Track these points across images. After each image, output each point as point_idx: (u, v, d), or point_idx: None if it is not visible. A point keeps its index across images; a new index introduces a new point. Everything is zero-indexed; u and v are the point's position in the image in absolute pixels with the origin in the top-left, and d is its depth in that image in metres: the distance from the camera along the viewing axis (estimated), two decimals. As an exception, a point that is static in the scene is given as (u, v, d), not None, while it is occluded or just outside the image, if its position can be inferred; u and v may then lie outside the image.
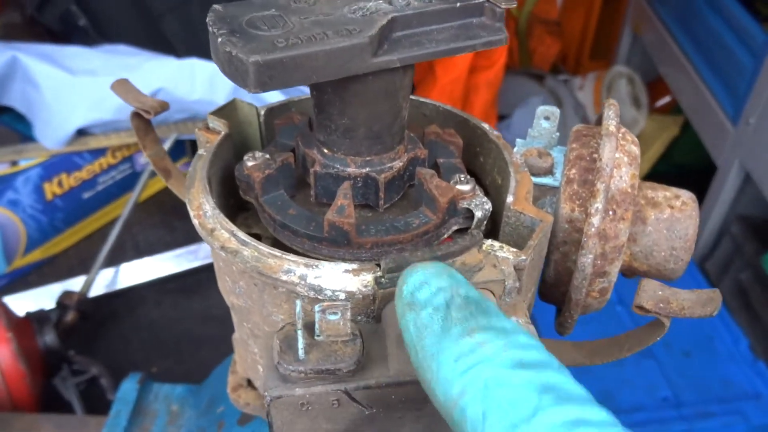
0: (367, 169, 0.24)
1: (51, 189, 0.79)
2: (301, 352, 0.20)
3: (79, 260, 0.85)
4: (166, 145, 0.82)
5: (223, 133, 0.28)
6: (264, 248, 0.22)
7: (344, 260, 0.22)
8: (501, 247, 0.22)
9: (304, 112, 0.29)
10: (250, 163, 0.26)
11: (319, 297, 0.21)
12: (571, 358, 0.21)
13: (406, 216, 0.24)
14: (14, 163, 0.77)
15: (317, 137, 0.25)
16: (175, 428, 0.48)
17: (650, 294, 0.25)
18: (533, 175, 0.26)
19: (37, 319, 0.64)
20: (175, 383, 0.51)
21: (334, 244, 0.22)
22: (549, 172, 0.26)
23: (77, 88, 0.75)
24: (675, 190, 0.26)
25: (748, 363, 1.39)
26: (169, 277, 0.80)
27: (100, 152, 0.83)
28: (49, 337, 0.63)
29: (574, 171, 0.25)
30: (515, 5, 0.23)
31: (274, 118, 0.29)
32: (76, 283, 0.74)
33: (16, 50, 0.75)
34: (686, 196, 0.26)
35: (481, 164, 0.27)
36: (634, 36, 2.20)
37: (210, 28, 0.22)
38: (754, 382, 1.32)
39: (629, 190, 0.24)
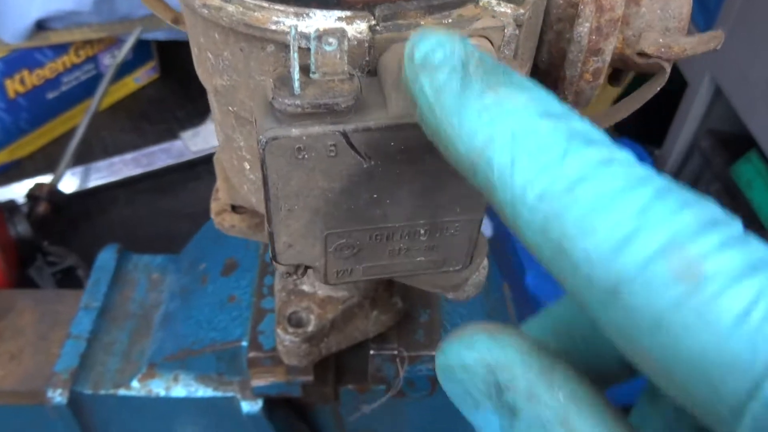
0: None
1: (13, 86, 0.76)
2: (296, 85, 0.19)
3: (47, 163, 0.82)
4: (129, 42, 0.79)
5: None
6: (250, 1, 0.21)
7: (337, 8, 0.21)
8: (498, 3, 0.21)
9: None
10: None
11: (305, 45, 0.20)
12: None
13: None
14: (-28, 58, 0.74)
15: None
16: (157, 293, 0.48)
17: (651, 41, 0.24)
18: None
19: (8, 209, 0.62)
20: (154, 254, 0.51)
21: (323, 4, 0.21)
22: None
23: (35, -24, 0.71)
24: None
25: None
26: (141, 176, 0.79)
27: (62, 49, 0.79)
28: (22, 227, 0.61)
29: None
30: None
31: None
32: (45, 181, 0.72)
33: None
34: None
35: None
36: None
37: None
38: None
39: (625, -45, 0.23)
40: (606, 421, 0.16)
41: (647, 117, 2.01)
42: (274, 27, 0.21)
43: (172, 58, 0.95)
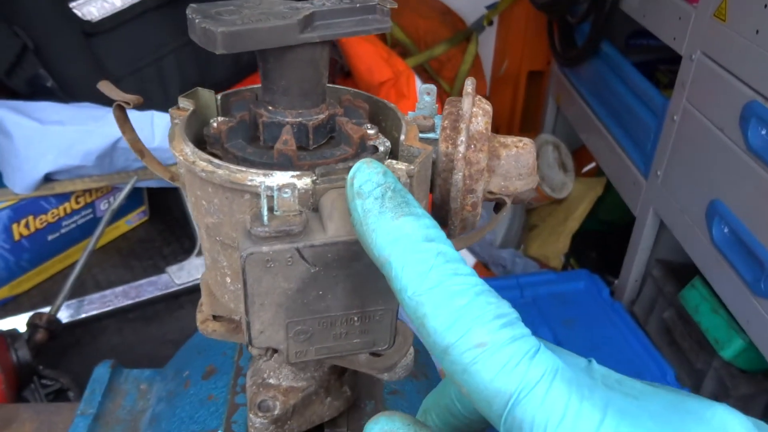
0: (300, 118, 0.34)
1: (19, 230, 0.86)
2: (264, 219, 0.29)
3: (42, 298, 0.90)
4: (125, 190, 0.90)
5: (191, 109, 0.37)
6: (233, 167, 0.32)
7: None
8: (397, 162, 0.32)
9: (250, 93, 0.39)
10: (215, 124, 0.35)
11: (269, 194, 0.30)
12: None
13: (332, 150, 0.34)
14: (-15, 206, 0.84)
15: (263, 99, 0.35)
16: (144, 401, 0.55)
17: (494, 183, 0.35)
18: (420, 132, 0.36)
19: (11, 336, 0.70)
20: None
21: (282, 168, 0.32)
22: (431, 129, 0.36)
23: (47, 137, 0.83)
24: (518, 137, 0.36)
25: (675, 392, 1.49)
26: (130, 307, 0.87)
27: (64, 197, 0.90)
28: (22, 352, 0.68)
29: (446, 122, 0.35)
30: (396, 6, 0.34)
31: (226, 101, 0.39)
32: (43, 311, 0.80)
33: (-10, 104, 0.84)
34: (526, 140, 0.36)
35: (383, 127, 0.38)
36: (557, 108, 2.40)
37: (189, 15, 0.32)
38: (680, 409, 1.41)
39: (484, 131, 0.35)
40: None
41: (605, 250, 2.14)
42: (249, 183, 0.31)
43: (161, 203, 1.07)
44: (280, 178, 0.31)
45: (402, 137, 0.34)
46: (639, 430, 0.21)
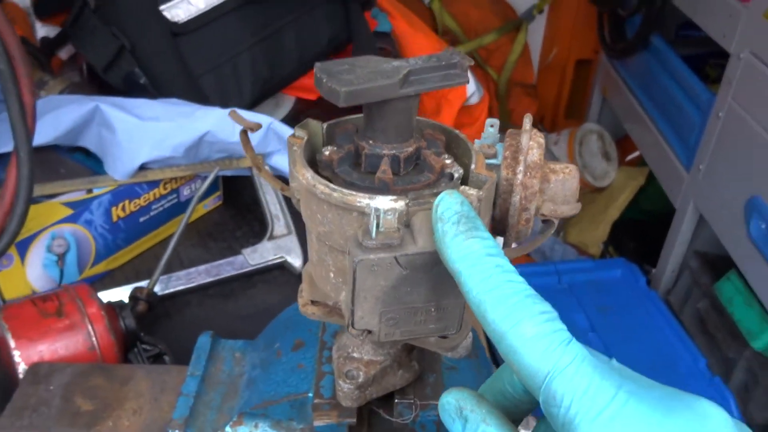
0: (393, 151, 0.43)
1: (117, 213, 0.98)
2: (373, 234, 0.38)
3: (134, 273, 1.02)
4: (209, 178, 1.01)
5: (305, 138, 0.47)
6: (346, 191, 0.41)
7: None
8: (470, 189, 0.41)
9: (352, 125, 0.48)
10: (327, 152, 0.45)
11: (377, 214, 0.39)
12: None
13: (418, 176, 0.44)
14: (89, 191, 0.96)
15: (365, 134, 0.44)
16: (240, 367, 0.66)
17: (546, 208, 0.44)
18: (486, 158, 0.45)
19: (119, 306, 0.81)
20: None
21: (381, 192, 0.41)
22: (494, 156, 0.45)
23: (145, 131, 0.94)
24: (564, 164, 0.45)
25: (707, 379, 1.56)
26: (210, 284, 0.98)
27: (155, 184, 1.01)
28: (128, 320, 0.80)
29: (507, 152, 0.44)
30: (473, 63, 0.43)
31: (330, 130, 0.48)
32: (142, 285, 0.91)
33: (97, 101, 0.95)
34: (572, 166, 0.45)
35: (455, 154, 0.47)
36: (603, 98, 2.43)
37: (317, 75, 0.41)
38: (712, 394, 1.49)
39: (538, 161, 0.43)
40: (504, 425, 0.35)
41: (644, 239, 2.19)
42: (357, 204, 0.40)
43: (233, 190, 1.18)
44: (382, 201, 0.40)
45: (473, 166, 0.43)
46: (641, 404, 0.29)
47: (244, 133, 0.51)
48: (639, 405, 0.29)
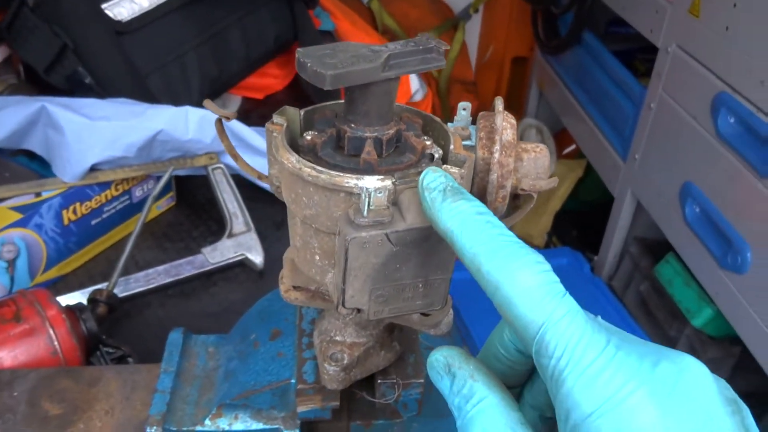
0: (376, 133, 0.44)
1: (67, 216, 0.95)
2: (365, 212, 0.39)
3: (88, 278, 1.00)
4: (165, 177, 0.99)
5: (285, 124, 0.47)
6: (333, 172, 0.42)
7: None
8: (451, 167, 0.42)
9: (330, 111, 0.49)
10: (309, 137, 0.46)
11: (368, 193, 0.40)
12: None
13: (400, 157, 0.45)
14: (38, 195, 0.93)
15: (347, 117, 0.45)
16: (214, 361, 0.65)
17: (525, 183, 0.46)
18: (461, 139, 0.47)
19: (79, 309, 0.79)
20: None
21: (366, 173, 0.42)
22: (468, 138, 0.47)
23: (94, 131, 0.92)
24: (535, 143, 0.47)
25: (650, 359, 1.62)
26: (170, 284, 0.97)
27: (106, 185, 0.99)
28: (90, 323, 0.78)
29: (482, 133, 0.46)
30: (449, 47, 0.44)
31: (308, 116, 0.49)
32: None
33: (43, 101, 0.92)
34: (543, 146, 0.47)
35: (432, 136, 0.48)
36: (540, 93, 2.50)
37: (300, 59, 0.41)
38: (655, 373, 1.54)
39: (512, 140, 0.45)
40: (491, 380, 0.36)
41: (585, 228, 2.27)
42: (345, 184, 0.41)
43: (185, 190, 1.16)
44: (369, 181, 0.41)
45: (451, 147, 0.45)
46: (630, 356, 0.30)
47: (219, 122, 0.51)
48: (627, 357, 0.30)
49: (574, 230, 2.18)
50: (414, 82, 1.85)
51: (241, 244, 0.99)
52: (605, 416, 0.29)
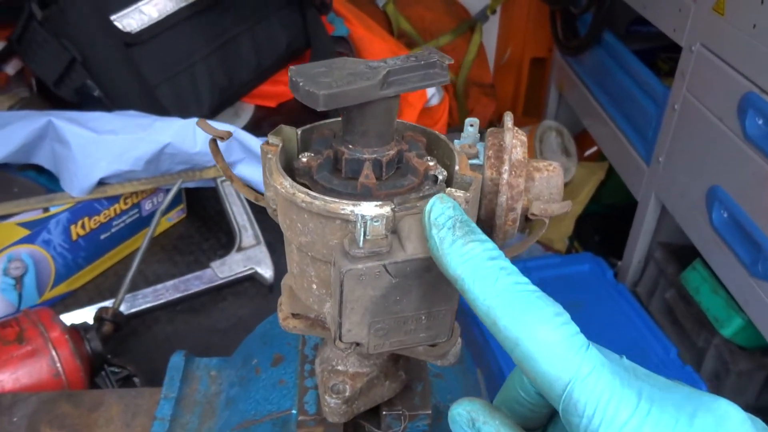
0: (375, 155, 0.42)
1: (76, 231, 0.94)
2: (360, 242, 0.36)
3: (97, 293, 0.98)
4: (172, 191, 0.97)
5: (280, 145, 0.45)
6: (328, 198, 0.39)
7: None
8: (456, 191, 0.39)
9: (329, 130, 0.46)
10: (304, 159, 0.43)
11: (364, 222, 0.37)
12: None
13: (401, 180, 0.42)
14: (46, 210, 0.92)
15: (344, 138, 0.42)
16: (216, 386, 0.63)
17: (536, 207, 0.43)
18: (467, 158, 0.44)
19: (84, 328, 0.78)
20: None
21: (364, 198, 0.40)
22: (476, 156, 0.44)
23: (101, 145, 0.91)
24: (548, 161, 0.44)
25: (678, 368, 1.57)
26: (178, 300, 0.95)
27: (115, 199, 0.98)
28: (94, 343, 0.76)
29: (490, 152, 0.43)
30: (452, 61, 0.41)
31: (306, 135, 0.46)
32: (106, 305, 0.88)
33: (49, 116, 0.91)
34: (555, 164, 0.44)
35: (436, 155, 0.45)
36: (560, 95, 2.46)
37: (293, 78, 0.39)
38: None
39: (522, 159, 0.42)
40: None
41: (608, 233, 2.22)
42: (341, 211, 0.39)
43: (195, 202, 1.15)
44: (366, 208, 0.38)
45: (456, 167, 0.42)
46: (665, 411, 0.28)
47: (213, 142, 0.48)
48: (662, 413, 0.28)
49: (596, 235, 2.13)
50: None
51: (250, 257, 0.97)
52: None
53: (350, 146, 0.42)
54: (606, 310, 1.74)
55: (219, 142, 0.48)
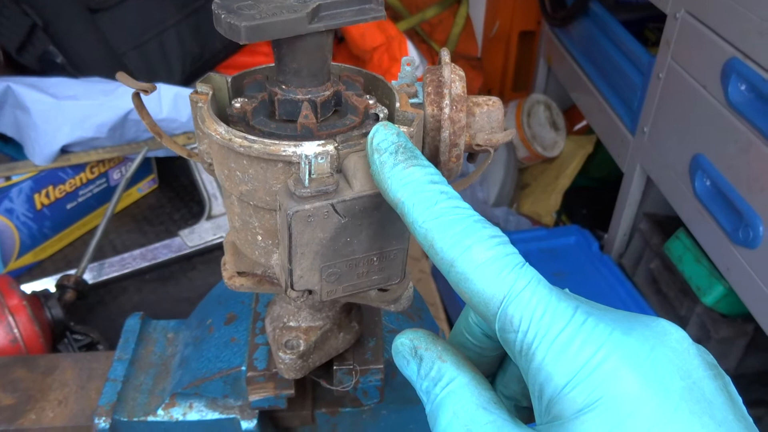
0: (309, 95, 0.40)
1: (40, 200, 0.92)
2: (306, 181, 0.35)
3: (65, 263, 0.97)
4: (138, 158, 0.96)
5: (210, 93, 0.43)
6: (267, 141, 0.37)
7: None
8: (399, 126, 0.38)
9: (261, 75, 0.44)
10: (237, 104, 0.41)
11: (308, 160, 0.36)
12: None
13: (342, 120, 0.40)
14: (8, 178, 0.90)
15: (277, 79, 0.40)
16: (173, 347, 0.62)
17: (480, 137, 0.41)
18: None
19: (44, 295, 0.76)
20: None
21: (305, 138, 0.38)
22: (415, 95, 0.42)
23: (62, 111, 0.88)
24: (487, 96, 0.43)
25: (661, 339, 1.57)
26: (147, 269, 0.93)
27: (80, 168, 0.96)
28: (55, 310, 0.75)
29: (430, 88, 0.41)
30: (388, -4, 0.40)
31: (237, 83, 0.44)
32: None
33: (8, 81, 0.89)
34: (495, 98, 0.43)
35: (375, 96, 0.44)
36: (548, 68, 2.43)
37: (215, 10, 0.37)
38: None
39: (462, 94, 0.40)
40: (461, 360, 0.32)
41: (595, 206, 2.21)
42: (282, 153, 0.37)
43: (168, 172, 1.13)
44: (309, 147, 0.37)
45: (397, 104, 0.40)
46: (600, 323, 0.27)
47: (136, 95, 0.46)
48: (597, 324, 0.28)
49: (584, 208, 2.11)
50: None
51: (220, 226, 0.96)
52: (580, 386, 0.27)
53: (284, 86, 0.40)
54: (591, 282, 1.74)
55: (147, 96, 0.45)
